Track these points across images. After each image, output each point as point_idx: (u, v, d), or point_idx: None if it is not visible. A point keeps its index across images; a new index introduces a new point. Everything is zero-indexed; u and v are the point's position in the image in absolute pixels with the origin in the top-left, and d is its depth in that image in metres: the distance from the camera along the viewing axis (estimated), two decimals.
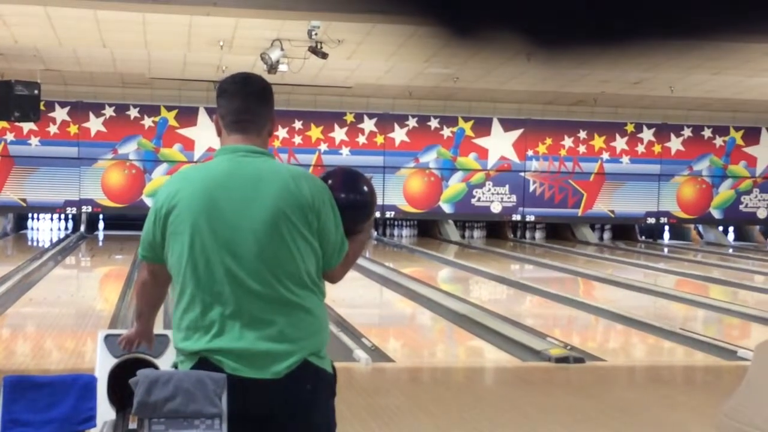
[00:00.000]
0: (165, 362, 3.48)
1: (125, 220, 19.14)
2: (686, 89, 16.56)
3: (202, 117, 18.44)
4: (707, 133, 20.66)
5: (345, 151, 19.08)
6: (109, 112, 18.20)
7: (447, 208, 19.82)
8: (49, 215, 18.86)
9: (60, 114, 18.02)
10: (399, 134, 19.46)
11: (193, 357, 2.60)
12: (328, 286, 2.74)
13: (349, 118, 19.21)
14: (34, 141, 17.97)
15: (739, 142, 20.81)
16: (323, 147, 19.06)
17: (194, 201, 2.58)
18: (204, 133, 18.49)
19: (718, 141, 20.73)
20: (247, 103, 2.67)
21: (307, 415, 2.61)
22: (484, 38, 1.76)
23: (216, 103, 2.72)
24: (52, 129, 18.01)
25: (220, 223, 2.56)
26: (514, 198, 19.97)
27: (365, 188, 2.81)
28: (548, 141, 20.00)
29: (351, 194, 2.74)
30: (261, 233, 2.55)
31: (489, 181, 19.85)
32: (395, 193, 19.31)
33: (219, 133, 2.73)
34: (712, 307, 10.20)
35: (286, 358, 2.56)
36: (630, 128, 20.29)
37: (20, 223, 19.21)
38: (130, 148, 18.39)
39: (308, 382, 2.59)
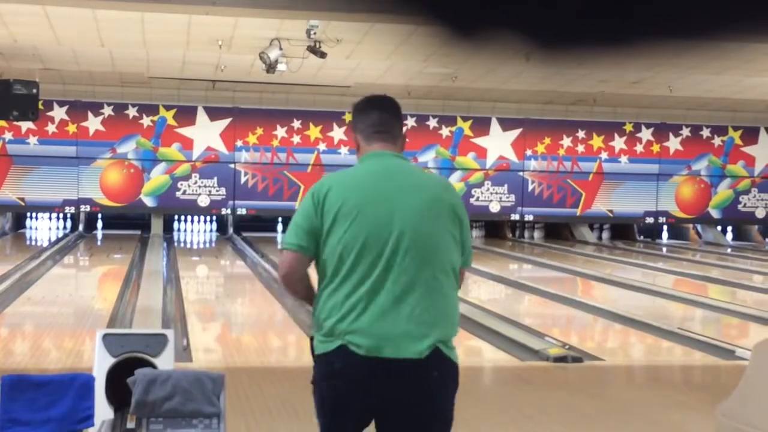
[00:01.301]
0: (163, 362, 3.47)
1: (124, 219, 19.14)
2: (685, 89, 16.55)
3: (201, 116, 18.42)
4: (706, 132, 20.66)
5: (344, 150, 19.04)
6: (107, 111, 18.17)
7: None
8: (47, 214, 18.82)
9: (58, 113, 18.00)
10: None
11: (334, 340, 2.71)
12: None
13: (348, 117, 19.15)
14: (33, 140, 17.95)
15: (738, 141, 20.81)
16: (322, 146, 19.03)
17: (350, 191, 2.77)
18: (202, 133, 18.46)
19: (717, 141, 20.73)
20: (382, 115, 2.96)
21: (434, 402, 2.73)
22: (484, 38, 1.76)
23: (353, 122, 2.99)
24: (51, 128, 17.98)
25: (376, 210, 2.74)
26: (512, 197, 19.96)
27: None
28: (547, 140, 19.98)
29: None
30: (416, 222, 2.74)
31: (488, 181, 19.83)
32: None
33: (358, 149, 2.95)
34: (711, 306, 10.21)
35: (422, 339, 2.69)
36: (629, 128, 20.28)
37: (18, 222, 19.17)
38: (128, 148, 18.36)
39: (436, 369, 2.71)
